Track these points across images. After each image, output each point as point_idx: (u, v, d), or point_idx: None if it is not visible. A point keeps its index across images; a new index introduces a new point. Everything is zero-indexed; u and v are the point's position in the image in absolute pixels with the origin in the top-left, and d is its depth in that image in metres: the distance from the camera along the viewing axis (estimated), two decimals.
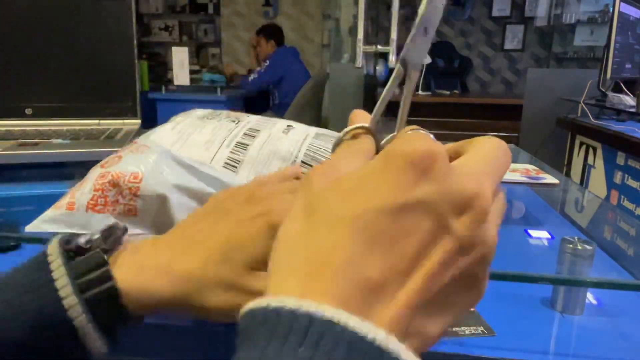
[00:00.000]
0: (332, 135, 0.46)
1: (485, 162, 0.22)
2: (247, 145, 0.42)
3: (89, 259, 0.29)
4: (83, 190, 0.39)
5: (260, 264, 0.29)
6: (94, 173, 0.40)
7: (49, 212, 0.39)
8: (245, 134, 0.43)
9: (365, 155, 0.24)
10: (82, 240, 0.30)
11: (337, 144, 0.26)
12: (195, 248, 0.30)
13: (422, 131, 0.24)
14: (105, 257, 0.29)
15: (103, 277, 0.28)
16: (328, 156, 0.41)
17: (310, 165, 0.41)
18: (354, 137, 0.25)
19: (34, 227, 0.38)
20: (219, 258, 0.29)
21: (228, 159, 0.40)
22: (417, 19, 0.23)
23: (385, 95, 0.26)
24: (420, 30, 0.23)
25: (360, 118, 0.26)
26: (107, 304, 0.28)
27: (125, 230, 0.33)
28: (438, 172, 0.19)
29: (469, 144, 0.24)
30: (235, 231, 0.30)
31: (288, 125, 0.46)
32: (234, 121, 0.45)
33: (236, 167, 0.40)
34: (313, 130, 0.46)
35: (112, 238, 0.31)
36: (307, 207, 0.20)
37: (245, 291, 0.28)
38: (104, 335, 0.28)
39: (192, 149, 0.41)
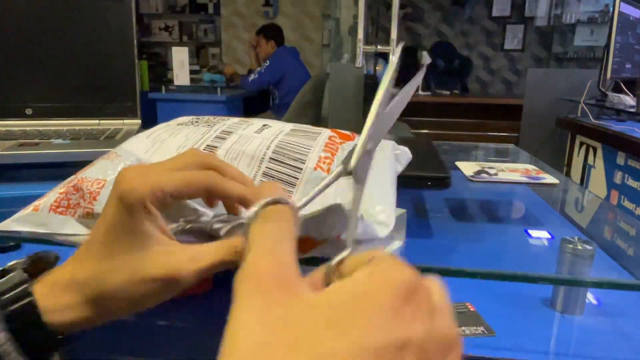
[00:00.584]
0: (309, 130, 0.46)
1: (448, 302, 0.21)
2: (217, 147, 0.42)
3: (11, 278, 0.30)
4: (51, 194, 0.40)
5: (139, 239, 0.28)
6: (68, 179, 0.41)
7: (18, 213, 0.40)
8: (217, 136, 0.43)
9: (293, 241, 0.22)
10: (9, 264, 0.31)
11: (248, 223, 0.23)
12: (87, 254, 0.30)
13: (392, 257, 0.21)
14: (27, 275, 0.30)
15: (23, 294, 0.29)
16: (297, 151, 0.41)
17: (279, 162, 0.40)
18: (275, 213, 0.23)
19: (4, 225, 0.40)
20: (101, 253, 0.29)
21: None
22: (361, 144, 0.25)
23: (321, 187, 0.26)
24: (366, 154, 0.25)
25: (276, 191, 0.25)
26: (28, 320, 0.28)
27: (57, 258, 0.33)
28: (425, 309, 0.19)
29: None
30: (105, 220, 0.30)
31: (264, 125, 0.46)
32: (209, 125, 0.46)
33: None
34: (289, 127, 0.46)
35: (38, 261, 0.31)
36: (282, 336, 0.17)
37: (141, 268, 0.28)
38: (28, 357, 0.28)
39: (164, 155, 0.42)
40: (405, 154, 0.49)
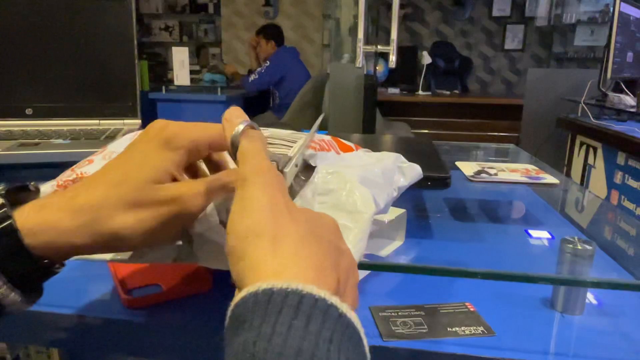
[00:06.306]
0: (299, 133, 0.45)
1: None
2: None
3: None
4: (47, 187, 0.40)
5: (161, 177, 0.31)
6: (64, 174, 0.42)
7: None
8: None
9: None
10: None
11: (236, 140, 0.30)
12: (97, 181, 0.31)
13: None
14: (4, 200, 0.30)
15: (1, 217, 0.29)
16: (285, 137, 0.41)
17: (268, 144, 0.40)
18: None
19: None
20: (118, 180, 0.30)
21: None
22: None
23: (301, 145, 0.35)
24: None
25: (243, 115, 0.32)
26: (7, 243, 0.28)
27: (38, 190, 0.35)
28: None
29: None
30: (133, 154, 0.32)
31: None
32: None
33: None
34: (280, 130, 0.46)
35: (19, 188, 0.32)
36: (286, 213, 0.26)
37: (150, 204, 0.30)
38: (10, 281, 0.28)
39: None
40: (413, 169, 0.46)
